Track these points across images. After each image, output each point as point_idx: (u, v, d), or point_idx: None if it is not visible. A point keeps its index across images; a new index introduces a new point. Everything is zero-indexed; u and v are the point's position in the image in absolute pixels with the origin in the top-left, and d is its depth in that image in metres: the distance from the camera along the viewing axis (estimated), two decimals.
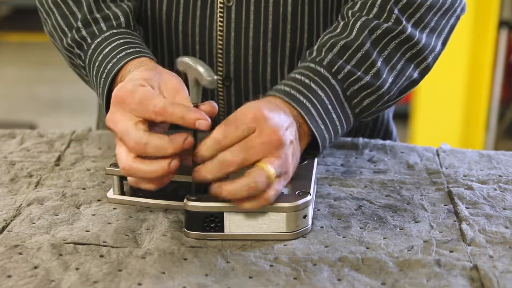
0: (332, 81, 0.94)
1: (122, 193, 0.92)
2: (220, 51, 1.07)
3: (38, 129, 1.18)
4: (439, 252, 0.80)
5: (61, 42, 1.06)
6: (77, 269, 0.76)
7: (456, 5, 1.03)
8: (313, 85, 0.93)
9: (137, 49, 0.99)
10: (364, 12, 0.98)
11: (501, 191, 0.95)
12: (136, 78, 0.87)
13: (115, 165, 0.91)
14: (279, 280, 0.75)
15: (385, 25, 0.97)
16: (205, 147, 0.82)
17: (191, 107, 0.83)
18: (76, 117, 3.97)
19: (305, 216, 0.84)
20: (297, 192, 0.85)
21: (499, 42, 3.05)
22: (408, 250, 0.81)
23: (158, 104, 0.82)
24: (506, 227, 0.86)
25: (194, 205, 0.82)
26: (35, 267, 0.76)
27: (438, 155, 1.08)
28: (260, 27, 1.06)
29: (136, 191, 0.91)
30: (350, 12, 1.00)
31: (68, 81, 3.93)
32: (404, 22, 0.97)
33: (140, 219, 0.88)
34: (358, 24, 0.97)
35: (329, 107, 0.93)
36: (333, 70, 0.94)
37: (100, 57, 0.99)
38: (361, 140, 1.12)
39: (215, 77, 0.81)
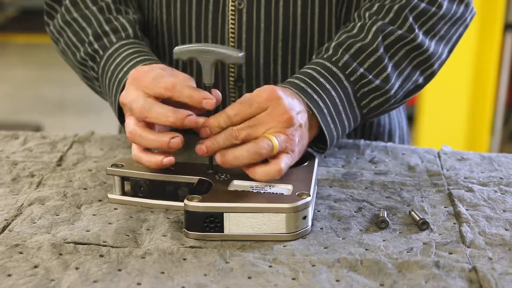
0: (346, 82, 0.99)
1: (123, 193, 0.92)
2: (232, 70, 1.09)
3: (44, 130, 1.19)
4: (438, 254, 0.80)
5: (74, 57, 1.09)
6: (77, 268, 0.76)
7: (466, 14, 1.07)
8: (327, 85, 0.97)
9: (146, 57, 1.02)
10: (381, 16, 1.02)
11: (501, 194, 0.95)
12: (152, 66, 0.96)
13: (117, 165, 0.92)
14: (277, 280, 0.75)
15: (399, 32, 1.01)
16: (216, 120, 0.88)
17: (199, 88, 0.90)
18: (81, 118, 3.98)
19: (304, 217, 0.84)
20: (297, 193, 0.85)
21: (504, 45, 3.04)
22: (407, 252, 0.81)
23: (168, 82, 0.89)
24: (506, 229, 0.85)
25: (194, 205, 0.83)
26: (35, 267, 0.76)
27: (439, 157, 1.08)
28: (271, 29, 1.07)
29: (137, 192, 0.92)
30: (367, 14, 1.03)
31: (73, 83, 3.92)
32: (416, 30, 1.02)
33: (140, 219, 0.88)
34: (374, 28, 1.01)
35: (340, 107, 0.98)
36: (347, 72, 0.99)
37: (112, 67, 1.03)
38: (362, 141, 1.12)
39: (242, 52, 0.89)
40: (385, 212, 0.88)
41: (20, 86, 4.55)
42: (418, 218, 0.86)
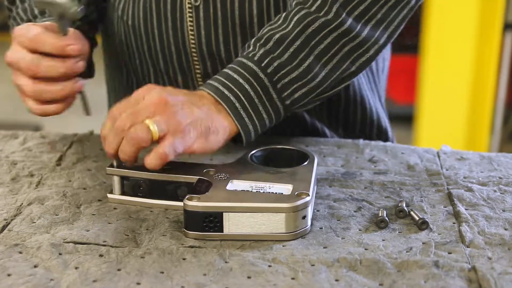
0: (261, 74, 0.97)
1: (123, 193, 0.92)
2: (194, 49, 1.10)
3: (43, 130, 1.20)
4: (437, 253, 0.80)
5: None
6: (76, 268, 0.76)
7: None
8: (240, 79, 0.97)
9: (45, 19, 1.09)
10: (307, 5, 0.99)
11: (501, 193, 0.95)
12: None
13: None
14: (277, 280, 0.75)
15: (323, 19, 0.97)
16: (104, 124, 0.90)
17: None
18: (81, 118, 3.96)
19: (304, 217, 0.84)
20: (296, 193, 0.85)
21: (504, 45, 3.04)
22: (406, 252, 0.81)
23: (31, 33, 0.97)
24: (505, 229, 0.86)
25: (193, 205, 0.83)
26: (35, 266, 0.76)
27: (438, 156, 1.08)
28: (228, 22, 1.07)
29: (136, 191, 0.92)
30: (294, 3, 1.01)
31: None
32: (344, 15, 0.97)
33: (140, 219, 0.88)
34: (296, 18, 0.98)
35: (256, 100, 0.96)
36: (262, 65, 0.97)
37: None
38: (361, 141, 1.12)
39: (81, 7, 0.97)
40: (385, 212, 0.88)
41: None
42: (418, 218, 0.87)
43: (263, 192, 0.86)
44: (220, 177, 0.89)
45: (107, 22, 1.21)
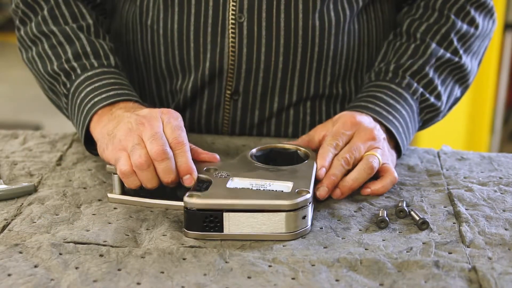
0: (411, 101, 1.07)
1: (123, 192, 0.92)
2: (231, 66, 1.08)
3: (43, 130, 1.19)
4: (437, 253, 0.80)
5: (44, 68, 1.08)
6: (76, 268, 0.76)
7: (493, 29, 1.14)
8: (397, 105, 1.05)
9: (126, 91, 1.02)
10: (429, 37, 1.10)
11: (501, 193, 0.95)
12: None
13: None
14: (277, 280, 0.75)
15: (448, 55, 1.09)
16: (324, 160, 0.94)
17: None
18: None
19: (304, 217, 0.84)
20: (296, 190, 0.85)
21: (504, 45, 3.04)
22: (407, 252, 0.81)
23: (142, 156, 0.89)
24: (506, 229, 0.85)
25: (193, 202, 0.82)
26: (35, 266, 0.76)
27: (439, 157, 1.08)
28: (272, 43, 1.07)
29: (136, 191, 0.92)
30: (418, 35, 1.11)
31: None
32: (460, 52, 1.10)
33: (140, 219, 0.88)
34: (428, 51, 1.09)
35: (409, 123, 1.06)
36: (411, 91, 1.07)
37: (87, 89, 1.02)
38: None
39: None
40: (385, 212, 0.88)
41: (20, 86, 4.55)
42: (418, 218, 0.86)
43: (263, 189, 0.86)
44: (221, 175, 0.89)
45: (122, 28, 1.17)
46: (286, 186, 0.87)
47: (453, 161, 1.07)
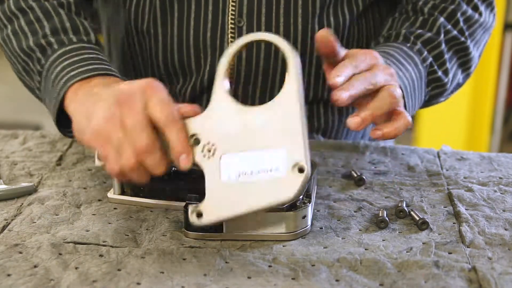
0: (420, 66, 1.03)
1: (123, 193, 0.92)
2: (231, 71, 1.07)
3: (43, 130, 1.19)
4: (437, 253, 0.80)
5: (18, 44, 1.02)
6: (76, 268, 0.76)
7: (494, 24, 1.13)
8: (407, 65, 1.00)
9: (105, 66, 0.96)
10: (437, 12, 1.07)
11: (501, 193, 0.95)
12: None
13: None
14: (277, 280, 0.75)
15: (455, 32, 1.07)
16: (342, 69, 0.86)
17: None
18: None
19: (304, 217, 0.84)
20: (292, 164, 0.78)
21: (504, 45, 3.04)
22: (406, 252, 0.81)
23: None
24: (506, 229, 0.85)
25: (195, 221, 0.80)
26: (35, 266, 0.76)
27: (439, 157, 1.08)
28: (271, 48, 1.07)
29: (136, 191, 0.92)
30: (426, 9, 1.08)
31: None
32: (466, 33, 1.08)
33: (140, 219, 0.88)
34: (438, 23, 1.06)
35: (416, 87, 1.01)
36: (421, 57, 1.04)
37: (64, 64, 0.96)
38: (362, 142, 1.12)
39: None
40: (385, 212, 0.88)
41: (20, 86, 4.53)
42: (418, 218, 0.86)
43: (259, 179, 0.78)
44: (209, 150, 0.81)
45: (114, 30, 1.16)
46: (280, 158, 0.77)
47: (453, 161, 1.07)
